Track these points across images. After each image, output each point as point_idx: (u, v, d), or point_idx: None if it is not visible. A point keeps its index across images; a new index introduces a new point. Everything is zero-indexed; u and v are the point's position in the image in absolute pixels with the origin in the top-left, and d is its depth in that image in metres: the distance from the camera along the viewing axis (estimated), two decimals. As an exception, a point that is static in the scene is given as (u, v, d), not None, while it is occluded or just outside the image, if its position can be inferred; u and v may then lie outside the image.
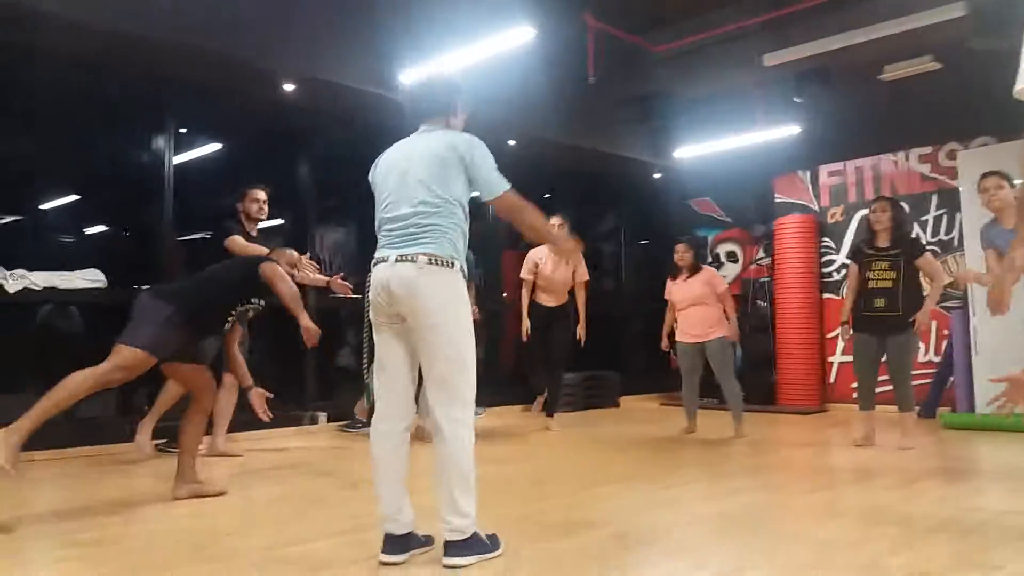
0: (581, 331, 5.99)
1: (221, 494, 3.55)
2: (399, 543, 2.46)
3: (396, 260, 2.45)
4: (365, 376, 5.43)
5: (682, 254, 5.87)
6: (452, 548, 2.40)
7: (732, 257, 8.76)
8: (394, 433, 2.53)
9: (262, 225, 5.17)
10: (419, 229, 2.47)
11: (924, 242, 7.25)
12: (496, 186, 2.56)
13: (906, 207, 7.38)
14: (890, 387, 5.12)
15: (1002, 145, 6.62)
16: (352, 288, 4.88)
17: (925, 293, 5.10)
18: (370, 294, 2.56)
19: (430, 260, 2.42)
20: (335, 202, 6.96)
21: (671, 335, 6.02)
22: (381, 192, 2.62)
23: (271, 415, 3.81)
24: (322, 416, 6.16)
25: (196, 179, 5.80)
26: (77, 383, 3.11)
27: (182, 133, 5.79)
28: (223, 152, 6.23)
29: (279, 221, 6.22)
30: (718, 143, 7.83)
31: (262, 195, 4.97)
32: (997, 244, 4.37)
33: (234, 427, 4.97)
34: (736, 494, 3.62)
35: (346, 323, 6.98)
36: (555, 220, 5.83)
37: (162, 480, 3.73)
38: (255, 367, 4.12)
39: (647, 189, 9.24)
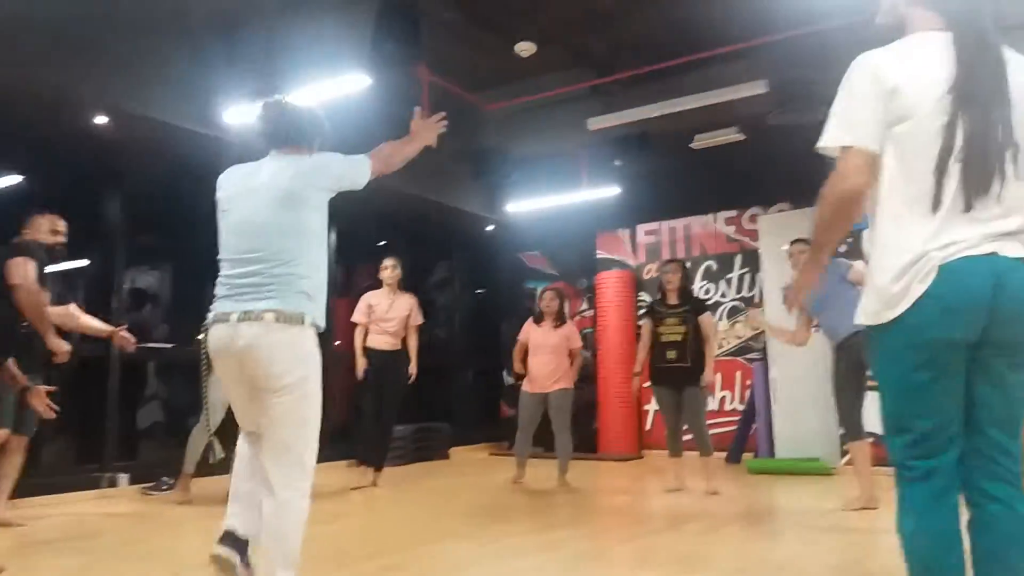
0: (413, 370, 5.87)
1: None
2: (237, 543, 2.31)
3: (239, 319, 2.27)
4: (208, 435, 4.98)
5: (548, 302, 5.96)
6: None
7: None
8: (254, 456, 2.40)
9: (64, 266, 4.70)
10: (267, 280, 2.30)
11: (729, 298, 7.91)
12: (361, 174, 2.51)
13: (713, 264, 8.03)
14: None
15: (797, 211, 7.37)
16: (135, 342, 4.37)
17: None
18: (210, 352, 2.36)
19: (277, 318, 2.26)
20: (147, 241, 6.51)
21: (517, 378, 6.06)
22: (227, 222, 2.43)
23: (55, 411, 3.32)
24: (123, 477, 5.63)
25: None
26: None
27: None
28: (25, 185, 5.65)
29: (84, 262, 5.72)
30: (546, 199, 8.14)
31: (61, 225, 4.37)
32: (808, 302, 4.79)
33: (20, 492, 4.41)
34: (560, 545, 3.67)
35: (156, 374, 6.49)
36: (388, 262, 5.79)
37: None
38: (49, 422, 3.71)
39: (480, 241, 9.41)
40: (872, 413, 4.51)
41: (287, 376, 2.26)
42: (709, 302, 7.29)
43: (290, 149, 2.51)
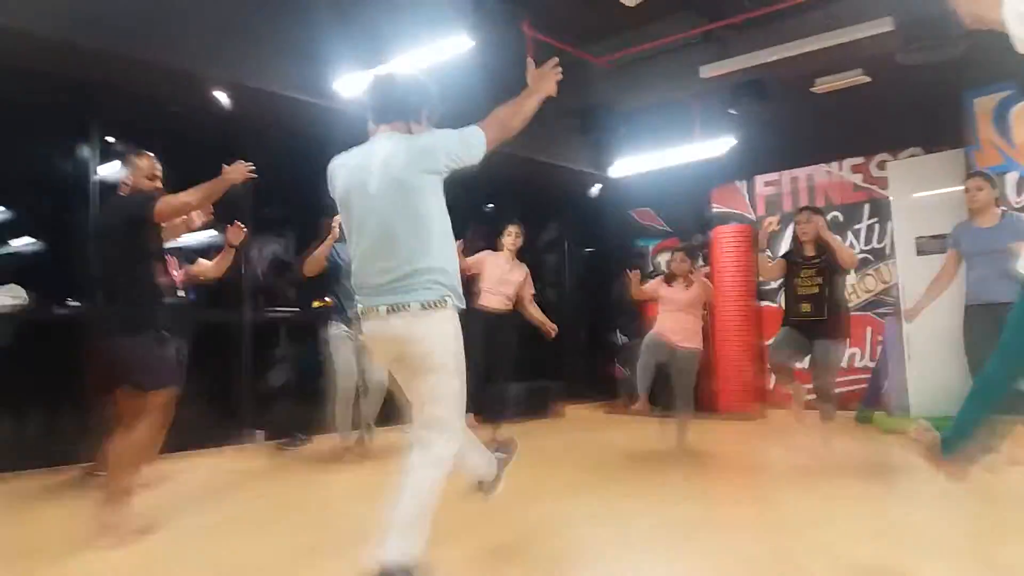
0: (551, 327, 5.90)
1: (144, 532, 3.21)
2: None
3: (388, 311, 2.35)
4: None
5: (679, 263, 5.72)
6: None
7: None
8: None
9: (196, 237, 4.99)
10: (402, 276, 2.34)
11: (857, 250, 7.46)
12: (475, 148, 2.41)
13: (839, 215, 7.61)
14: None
15: (930, 156, 6.84)
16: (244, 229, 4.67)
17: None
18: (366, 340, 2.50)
19: (423, 305, 2.32)
20: (272, 212, 6.81)
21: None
22: (349, 218, 2.48)
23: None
24: (260, 434, 5.98)
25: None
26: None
27: (108, 142, 5.58)
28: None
29: (213, 233, 6.04)
30: (658, 154, 7.91)
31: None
32: (964, 243, 4.48)
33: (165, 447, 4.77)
34: (677, 507, 3.63)
35: (285, 337, 6.82)
36: (513, 228, 5.84)
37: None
38: (190, 383, 3.96)
39: (589, 199, 9.29)
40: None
41: (436, 357, 2.34)
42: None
43: (400, 125, 2.48)
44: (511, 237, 5.85)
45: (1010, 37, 1.52)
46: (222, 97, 5.62)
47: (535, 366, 8.10)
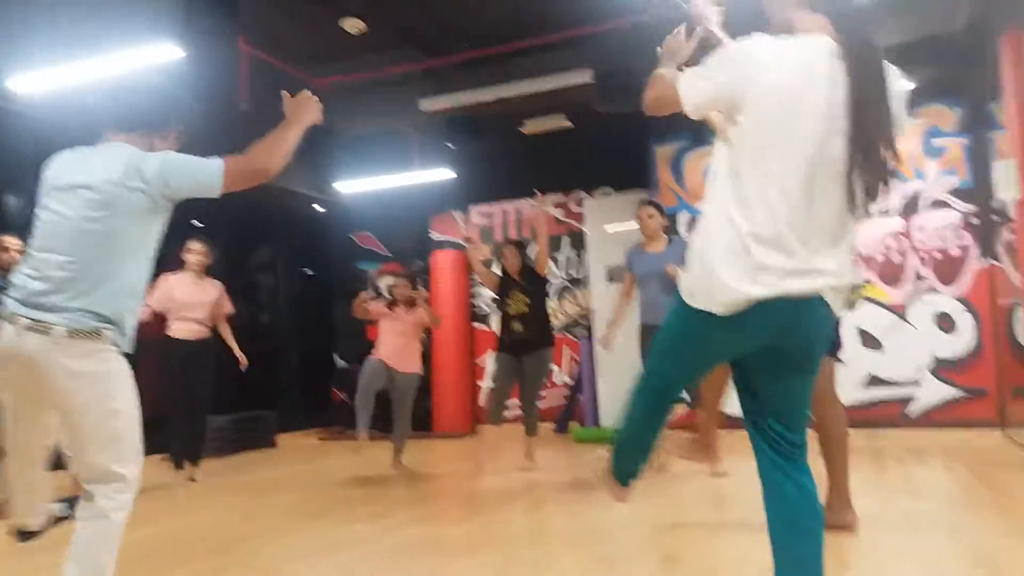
0: (242, 359, 5.58)
1: None
2: None
3: (26, 327, 2.00)
4: None
5: (401, 289, 5.74)
6: None
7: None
8: None
9: None
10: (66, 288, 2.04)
11: (559, 278, 8.17)
12: (209, 178, 2.10)
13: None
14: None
15: (620, 194, 7.73)
16: None
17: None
18: None
19: (69, 333, 2.00)
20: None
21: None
22: (41, 215, 2.13)
23: None
24: None
25: None
26: None
27: None
28: None
29: None
30: (379, 179, 8.01)
31: None
32: (635, 266, 4.95)
33: None
34: (392, 532, 3.67)
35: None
36: (195, 245, 5.43)
37: None
38: None
39: (309, 221, 9.10)
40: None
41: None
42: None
43: (138, 138, 2.19)
44: (193, 254, 5.41)
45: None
46: None
47: (246, 394, 7.70)
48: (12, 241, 4.54)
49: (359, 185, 8.12)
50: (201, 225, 7.60)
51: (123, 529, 2.07)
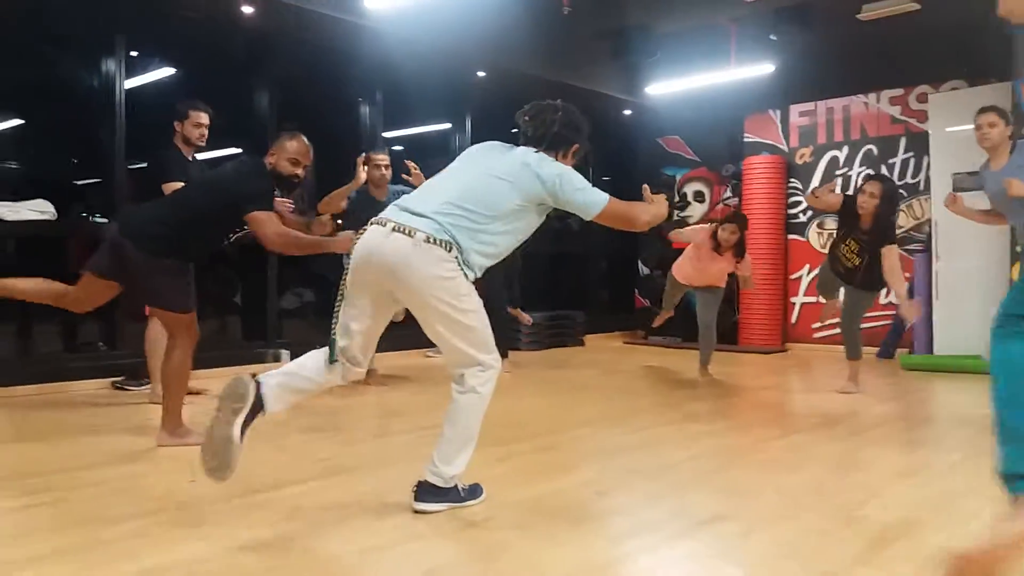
0: None
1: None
2: None
3: (393, 229, 2.29)
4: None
5: (728, 235, 5.25)
6: (426, 493, 2.35)
7: (699, 197, 8.72)
8: None
9: (213, 154, 4.90)
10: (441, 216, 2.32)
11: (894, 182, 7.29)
12: (592, 204, 2.45)
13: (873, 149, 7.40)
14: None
15: (972, 89, 6.61)
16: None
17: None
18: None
19: (428, 239, 2.26)
20: (293, 127, 6.70)
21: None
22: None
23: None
24: (285, 354, 6.04)
25: (149, 104, 5.49)
26: (182, 366, 3.25)
27: (133, 56, 5.46)
28: (178, 76, 5.91)
29: (235, 150, 5.97)
30: (690, 80, 7.69)
31: (205, 119, 4.33)
32: (987, 187, 4.09)
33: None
34: (702, 439, 3.65)
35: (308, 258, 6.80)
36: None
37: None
38: (215, 300, 3.96)
39: (617, 125, 9.08)
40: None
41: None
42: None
43: (543, 149, 2.51)
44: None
45: None
46: (248, 10, 5.46)
47: (557, 295, 8.09)
48: (380, 158, 4.77)
49: (672, 85, 7.87)
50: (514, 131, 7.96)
51: (488, 401, 2.40)
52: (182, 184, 3.92)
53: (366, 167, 4.64)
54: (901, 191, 7.19)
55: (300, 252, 3.41)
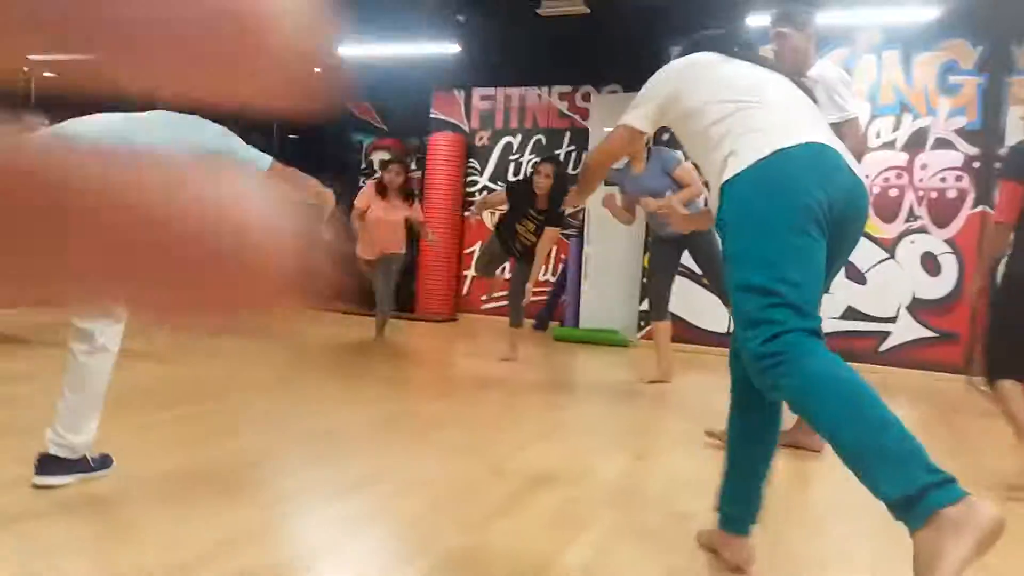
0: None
1: None
2: None
3: None
4: None
5: (392, 176, 5.67)
6: (50, 464, 2.13)
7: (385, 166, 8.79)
8: None
9: None
10: None
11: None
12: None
13: (542, 139, 8.04)
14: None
15: (626, 95, 7.50)
16: None
17: None
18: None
19: None
20: None
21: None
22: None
23: None
24: None
25: None
26: None
27: None
28: None
29: None
30: (380, 47, 7.69)
31: None
32: (627, 188, 4.66)
33: None
34: (372, 403, 3.73)
35: None
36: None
37: None
38: None
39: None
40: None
41: None
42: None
43: None
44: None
45: None
46: None
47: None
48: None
49: (360, 50, 7.80)
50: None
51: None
52: None
53: None
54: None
55: None
